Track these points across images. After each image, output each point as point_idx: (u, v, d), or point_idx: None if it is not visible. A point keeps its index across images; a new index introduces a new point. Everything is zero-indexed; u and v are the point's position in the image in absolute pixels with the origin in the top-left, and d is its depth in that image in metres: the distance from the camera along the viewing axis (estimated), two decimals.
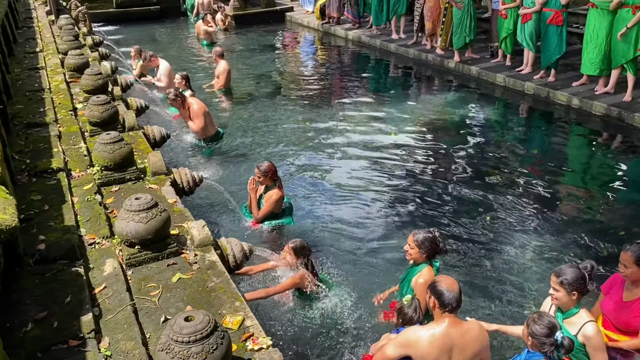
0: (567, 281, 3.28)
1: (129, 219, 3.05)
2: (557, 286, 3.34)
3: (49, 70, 7.07)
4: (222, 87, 10.23)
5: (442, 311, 3.18)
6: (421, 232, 3.92)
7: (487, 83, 10.31)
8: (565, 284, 3.29)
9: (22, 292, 2.74)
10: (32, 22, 10.80)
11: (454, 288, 3.18)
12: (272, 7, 17.53)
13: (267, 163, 5.41)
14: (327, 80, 11.60)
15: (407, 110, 9.30)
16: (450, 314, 3.17)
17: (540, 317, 3.06)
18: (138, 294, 2.86)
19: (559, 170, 7.05)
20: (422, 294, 3.83)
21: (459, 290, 3.20)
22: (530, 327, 3.05)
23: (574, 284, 3.28)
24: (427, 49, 12.00)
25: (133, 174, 4.18)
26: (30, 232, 3.24)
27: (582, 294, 3.33)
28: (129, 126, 5.27)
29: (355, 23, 14.62)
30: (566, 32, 9.13)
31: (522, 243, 5.38)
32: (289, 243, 4.44)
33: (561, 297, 3.34)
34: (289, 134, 8.35)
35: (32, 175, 4.04)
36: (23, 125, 5.03)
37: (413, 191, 6.49)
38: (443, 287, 3.19)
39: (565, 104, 8.91)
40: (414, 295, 3.62)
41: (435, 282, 3.29)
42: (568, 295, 3.31)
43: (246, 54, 13.78)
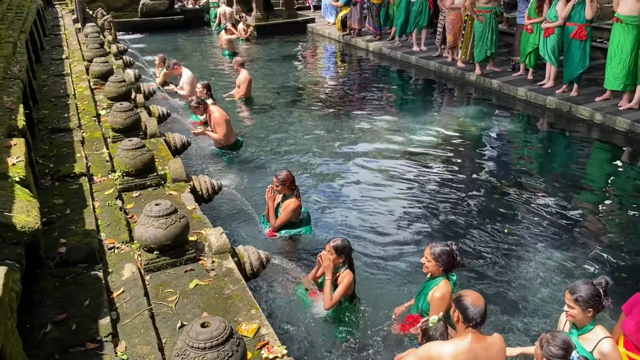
0: (582, 298, 3.23)
1: (148, 225, 3.09)
2: (572, 303, 3.28)
3: (74, 77, 7.21)
4: (242, 96, 10.32)
5: (466, 326, 3.14)
6: (438, 245, 3.88)
7: (508, 97, 10.24)
8: (581, 301, 3.24)
9: (43, 294, 2.78)
10: (59, 30, 11.04)
11: (479, 303, 3.15)
12: (293, 18, 17.68)
13: (285, 172, 5.42)
14: (347, 91, 11.63)
15: (427, 122, 9.27)
16: (474, 329, 3.13)
17: (554, 337, 2.98)
18: (155, 299, 2.88)
19: (579, 186, 6.95)
20: (438, 308, 3.81)
21: (484, 305, 3.16)
22: (544, 348, 2.97)
23: (589, 300, 3.22)
24: (448, 62, 11.97)
25: (153, 180, 4.23)
26: (51, 235, 3.29)
27: (597, 311, 3.27)
28: (150, 133, 5.34)
29: (376, 35, 14.66)
30: (590, 47, 9.04)
31: (540, 258, 5.31)
32: (330, 242, 4.31)
33: (576, 314, 3.28)
34: (308, 143, 8.38)
35: (55, 179, 4.11)
36: (48, 130, 5.13)
37: (431, 203, 6.45)
38: (468, 301, 3.15)
39: (588, 119, 8.80)
40: (441, 318, 3.57)
41: (460, 296, 3.25)
42: (583, 313, 3.25)
43: (267, 64, 13.89)
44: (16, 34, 6.69)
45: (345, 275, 4.30)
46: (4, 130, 3.58)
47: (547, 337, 3.00)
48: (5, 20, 7.25)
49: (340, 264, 4.29)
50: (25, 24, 7.62)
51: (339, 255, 4.24)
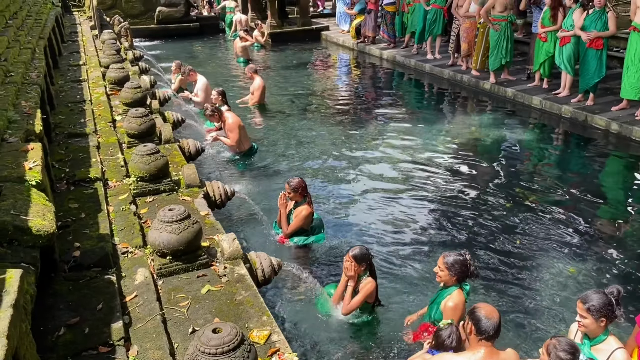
0: (595, 307, 3.19)
1: (161, 230, 3.10)
2: (584, 313, 3.24)
3: (91, 83, 7.30)
4: (256, 103, 10.38)
5: (479, 338, 3.13)
6: (452, 255, 3.86)
7: (522, 105, 10.18)
8: (593, 311, 3.20)
9: (57, 297, 2.81)
10: (77, 37, 11.19)
11: (493, 316, 3.13)
12: (308, 26, 17.75)
13: (297, 179, 5.43)
14: (361, 99, 11.64)
15: (440, 130, 9.24)
16: (487, 341, 3.11)
17: (560, 342, 2.95)
18: (167, 304, 2.89)
19: (594, 196, 6.87)
20: (451, 317, 3.78)
21: (498, 319, 3.14)
22: (552, 354, 2.93)
23: (601, 310, 3.18)
24: (462, 70, 11.94)
25: (167, 186, 4.25)
26: (66, 239, 3.32)
27: (610, 320, 3.23)
28: (165, 139, 5.39)
29: (390, 43, 14.67)
30: (606, 56, 8.96)
31: (553, 268, 5.25)
32: (349, 251, 4.26)
33: (589, 324, 3.24)
34: (322, 150, 8.39)
35: (70, 183, 4.15)
36: (64, 135, 5.19)
37: (444, 211, 6.42)
38: (482, 313, 3.14)
39: (604, 128, 8.72)
40: (452, 322, 3.56)
41: (475, 307, 3.23)
42: (596, 322, 3.21)
43: (282, 71, 13.95)
44: (35, 40, 6.79)
45: (367, 282, 4.28)
46: (22, 135, 3.63)
47: (553, 343, 2.97)
48: (25, 26, 7.38)
49: (362, 272, 4.27)
50: (43, 31, 7.74)
51: (360, 263, 4.21)
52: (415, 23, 13.37)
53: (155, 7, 18.02)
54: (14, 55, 5.63)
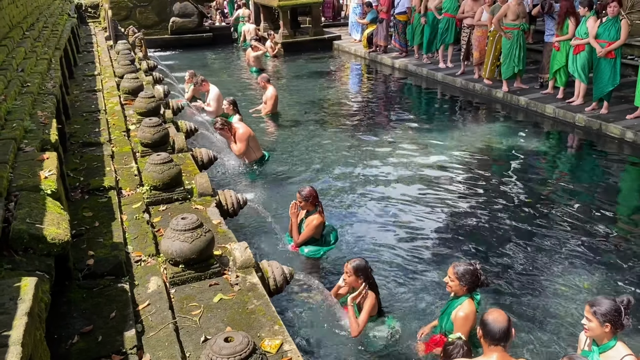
0: (600, 311, 3.18)
1: (174, 238, 3.12)
2: (589, 316, 3.24)
3: (106, 93, 7.38)
4: (269, 112, 10.43)
5: (489, 343, 3.16)
6: (462, 264, 3.86)
7: (536, 114, 10.12)
8: (598, 314, 3.18)
9: (70, 305, 2.83)
10: (92, 47, 11.34)
11: (500, 320, 3.16)
12: (320, 35, 17.84)
13: (309, 188, 5.44)
14: (373, 108, 11.65)
15: (453, 139, 9.21)
16: (496, 346, 3.14)
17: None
18: (180, 313, 2.90)
19: (610, 205, 6.80)
20: (462, 327, 3.78)
21: (506, 323, 3.16)
22: None
23: (607, 314, 3.16)
24: (474, 79, 11.92)
25: (180, 194, 4.28)
26: (80, 247, 3.34)
27: (615, 327, 3.19)
28: (178, 148, 5.42)
29: (402, 52, 14.69)
30: (620, 64, 8.89)
31: (567, 278, 5.20)
32: (348, 262, 4.28)
33: (593, 328, 3.22)
34: (334, 159, 8.40)
35: (85, 192, 4.19)
36: (79, 144, 5.25)
37: (457, 220, 6.39)
38: (490, 318, 3.20)
39: (619, 137, 8.64)
40: (460, 336, 3.56)
41: (484, 313, 3.30)
42: (600, 327, 3.19)
43: (294, 80, 14.02)
44: (51, 51, 6.89)
45: (367, 297, 4.26)
46: (38, 144, 3.68)
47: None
48: (42, 37, 7.49)
49: (360, 285, 4.25)
50: (60, 41, 7.86)
51: (357, 275, 4.21)
52: (419, 33, 13.43)
53: (169, 17, 18.22)
54: (31, 66, 5.72)
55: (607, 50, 8.69)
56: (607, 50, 8.69)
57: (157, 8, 18.12)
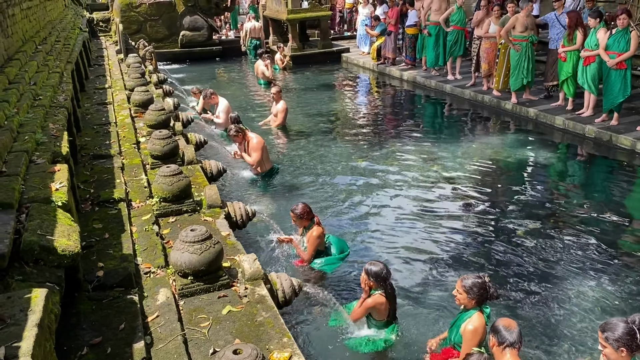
0: (613, 337, 3.09)
1: (183, 250, 3.13)
2: (603, 342, 3.16)
3: (116, 105, 7.45)
4: (279, 124, 10.47)
5: (502, 348, 3.26)
6: (470, 277, 3.83)
7: (545, 125, 10.08)
8: (611, 340, 3.10)
9: (80, 316, 2.84)
10: (103, 60, 11.47)
11: (512, 326, 3.30)
12: (328, 48, 17.93)
13: (301, 205, 5.45)
14: (381, 120, 11.66)
15: (462, 150, 9.19)
16: (511, 350, 3.24)
17: None
18: (189, 325, 2.90)
19: (620, 218, 6.73)
20: (470, 341, 3.74)
21: (517, 329, 3.29)
22: None
23: (620, 339, 3.07)
24: (483, 90, 11.91)
25: (190, 206, 4.29)
26: (90, 259, 3.36)
27: (631, 351, 3.09)
28: (188, 160, 5.45)
29: (408, 64, 14.72)
30: (630, 75, 8.86)
31: (577, 292, 5.14)
32: (367, 264, 4.31)
33: (609, 353, 3.14)
34: (343, 172, 8.40)
35: (95, 204, 4.22)
36: (89, 156, 5.29)
37: (466, 232, 6.35)
38: (501, 325, 3.33)
39: (630, 148, 8.58)
40: (482, 350, 3.55)
41: (494, 322, 3.42)
42: (615, 352, 3.11)
43: (303, 93, 14.07)
44: (63, 65, 6.98)
45: (373, 297, 4.29)
46: (49, 157, 3.71)
47: None
48: (54, 51, 7.59)
49: (375, 287, 4.27)
50: (71, 55, 7.96)
51: (370, 279, 4.23)
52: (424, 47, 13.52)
53: (179, 31, 18.40)
54: (43, 79, 5.79)
55: (617, 61, 8.67)
56: (617, 61, 8.67)
57: (167, 22, 18.31)
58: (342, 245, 5.71)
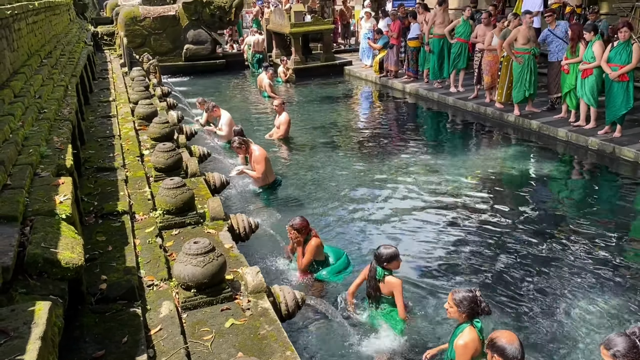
0: (620, 353, 3.04)
1: (186, 263, 3.13)
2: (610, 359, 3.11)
3: (120, 119, 7.49)
4: (281, 136, 10.50)
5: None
6: (461, 291, 3.84)
7: (548, 137, 10.09)
8: (619, 357, 3.05)
9: (83, 329, 2.83)
10: (108, 74, 11.55)
11: (514, 341, 3.19)
12: (331, 61, 18.03)
13: (299, 219, 5.46)
14: (384, 132, 11.68)
15: (465, 162, 9.19)
16: None
17: None
18: (192, 338, 2.89)
19: (624, 230, 6.71)
20: (463, 356, 3.73)
21: (519, 342, 3.18)
22: None
23: (627, 355, 3.04)
24: (486, 102, 11.93)
25: (193, 219, 4.30)
26: (93, 272, 3.36)
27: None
28: (191, 172, 5.47)
29: (411, 77, 14.78)
30: (633, 87, 8.88)
31: (582, 305, 5.11)
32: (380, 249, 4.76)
33: None
34: (346, 184, 8.40)
35: (98, 216, 4.23)
36: (93, 169, 5.31)
37: (469, 244, 6.33)
38: (503, 341, 3.20)
39: (633, 160, 8.57)
40: None
41: (493, 339, 3.27)
42: None
43: (306, 105, 14.13)
44: (67, 78, 7.04)
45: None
46: (53, 170, 3.73)
47: None
48: (59, 65, 7.66)
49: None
50: (76, 69, 8.02)
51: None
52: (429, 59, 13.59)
53: (183, 45, 18.54)
54: (48, 93, 5.84)
55: (619, 73, 8.70)
56: (619, 73, 8.70)
57: (171, 36, 18.46)
58: (339, 254, 5.72)
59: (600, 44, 9.00)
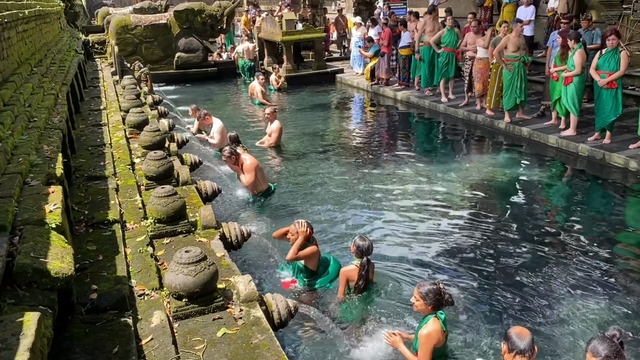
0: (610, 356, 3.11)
1: (178, 272, 3.10)
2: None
3: (111, 127, 7.45)
4: (273, 144, 10.50)
5: (513, 356, 3.36)
6: (426, 284, 4.13)
7: (538, 144, 10.15)
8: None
9: (73, 340, 2.80)
10: (99, 82, 11.50)
11: (524, 333, 3.42)
12: (323, 69, 18.09)
13: (305, 222, 5.51)
14: (375, 139, 11.71)
15: (456, 169, 9.22)
16: (521, 357, 3.34)
17: None
18: (183, 348, 2.86)
19: (614, 235, 6.75)
20: (424, 345, 4.01)
21: (530, 335, 3.40)
22: None
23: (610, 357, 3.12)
24: (476, 110, 12.00)
25: (184, 227, 4.27)
26: (84, 281, 3.33)
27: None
28: (182, 181, 5.44)
29: (402, 85, 14.85)
30: (622, 94, 8.96)
31: (572, 309, 5.12)
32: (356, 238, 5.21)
33: None
34: (338, 191, 8.40)
35: (89, 225, 4.19)
36: (84, 177, 5.27)
37: (461, 251, 6.34)
38: (514, 332, 3.44)
39: (622, 166, 8.64)
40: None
41: (507, 330, 3.55)
42: None
43: (298, 113, 14.15)
44: (58, 86, 7.00)
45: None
46: (43, 178, 3.70)
47: None
48: (49, 73, 7.62)
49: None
50: (66, 77, 7.98)
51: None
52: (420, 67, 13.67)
53: (174, 53, 18.53)
54: (38, 101, 5.80)
55: (608, 80, 8.78)
56: (608, 80, 8.78)
57: (162, 44, 18.45)
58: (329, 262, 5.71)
59: (580, 53, 9.12)
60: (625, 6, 11.98)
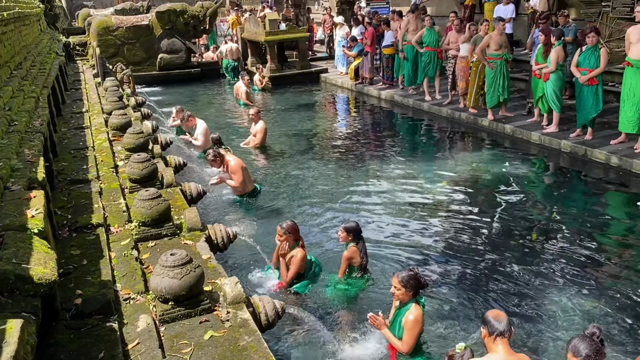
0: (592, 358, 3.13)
1: (163, 275, 3.08)
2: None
3: (94, 130, 7.37)
4: (258, 144, 10.47)
5: (494, 338, 3.40)
6: (404, 272, 4.22)
7: (522, 141, 10.25)
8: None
9: (57, 346, 2.76)
10: (80, 84, 11.38)
11: (501, 315, 3.48)
12: (307, 69, 18.08)
13: (290, 222, 5.46)
14: (361, 138, 11.73)
15: (440, 168, 9.28)
16: (501, 339, 3.37)
17: None
18: (170, 351, 2.84)
19: (595, 230, 6.83)
20: (412, 330, 4.10)
21: (506, 318, 3.45)
22: None
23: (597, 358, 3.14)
24: (460, 108, 12.08)
25: (169, 230, 4.24)
26: (68, 287, 3.29)
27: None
28: (167, 183, 5.40)
29: (386, 84, 14.89)
30: (602, 91, 9.08)
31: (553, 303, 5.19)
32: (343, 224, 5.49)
33: None
34: (324, 191, 8.41)
35: (72, 230, 4.14)
36: (67, 181, 5.21)
37: (445, 248, 6.38)
38: (490, 315, 3.50)
39: (604, 162, 8.76)
40: (467, 345, 3.74)
41: (484, 314, 3.59)
42: None
43: (282, 113, 14.13)
44: (39, 89, 6.91)
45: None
46: (25, 183, 3.65)
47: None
48: (29, 76, 7.52)
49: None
50: (47, 80, 7.88)
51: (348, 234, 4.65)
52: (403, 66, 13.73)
53: (157, 54, 18.38)
54: (18, 105, 5.72)
55: (588, 77, 8.90)
56: (588, 77, 8.90)
57: (145, 45, 18.29)
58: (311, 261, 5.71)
59: (556, 51, 9.24)
60: (604, 4, 12.14)
